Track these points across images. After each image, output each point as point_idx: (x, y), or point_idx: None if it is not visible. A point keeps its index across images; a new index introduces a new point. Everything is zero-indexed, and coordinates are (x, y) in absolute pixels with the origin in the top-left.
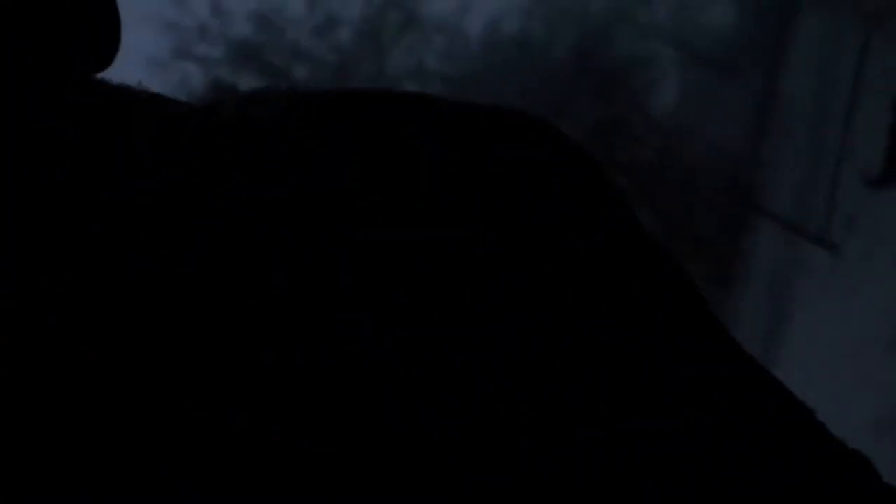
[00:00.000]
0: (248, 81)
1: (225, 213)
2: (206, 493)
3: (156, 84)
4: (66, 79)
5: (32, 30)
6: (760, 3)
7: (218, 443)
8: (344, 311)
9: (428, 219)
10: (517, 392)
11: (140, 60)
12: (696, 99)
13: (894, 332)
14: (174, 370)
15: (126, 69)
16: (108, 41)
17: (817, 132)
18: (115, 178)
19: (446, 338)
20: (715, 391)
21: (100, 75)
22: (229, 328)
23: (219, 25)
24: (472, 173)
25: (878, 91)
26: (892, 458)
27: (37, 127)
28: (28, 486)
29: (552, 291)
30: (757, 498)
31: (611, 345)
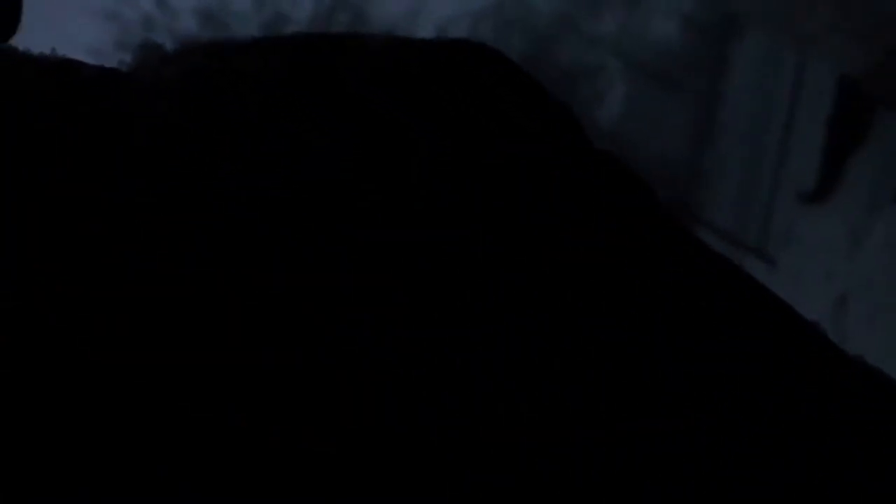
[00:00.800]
0: None
1: (225, 213)
2: (206, 493)
3: None
4: None
5: None
6: (704, 20)
7: (218, 443)
8: (344, 311)
9: (427, 217)
10: (517, 392)
11: (81, 50)
12: (640, 111)
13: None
14: (174, 370)
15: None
16: (6, 13)
17: (755, 148)
18: (115, 178)
19: (446, 338)
20: (715, 391)
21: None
22: (229, 328)
23: (164, 19)
24: (470, 167)
25: (813, 110)
26: None
27: (37, 127)
28: (28, 486)
29: (552, 291)
30: (757, 498)
31: (611, 345)
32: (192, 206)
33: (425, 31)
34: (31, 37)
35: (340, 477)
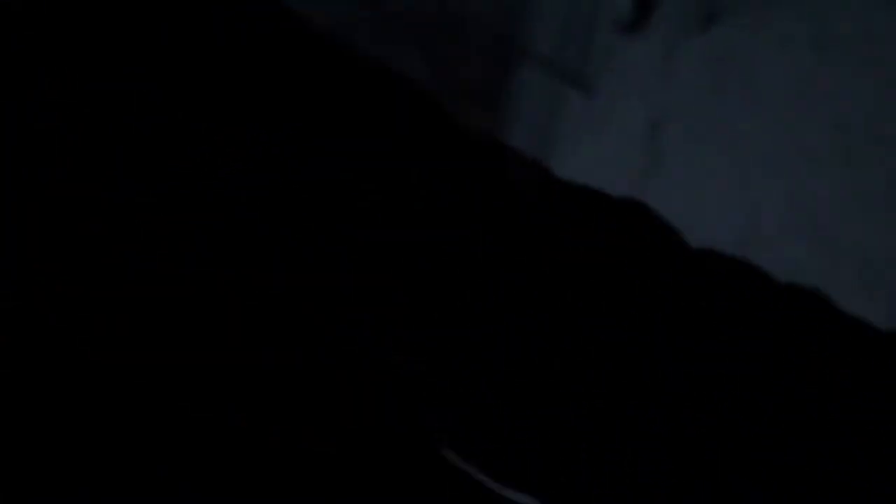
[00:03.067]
0: None
1: (225, 213)
2: (206, 493)
3: None
4: None
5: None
6: None
7: (218, 443)
8: (344, 311)
9: (427, 219)
10: (517, 391)
11: None
12: None
13: (639, 160)
14: (174, 370)
15: None
16: None
17: None
18: (115, 178)
19: (446, 338)
20: (715, 391)
21: None
22: (229, 328)
23: None
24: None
25: None
26: None
27: (37, 127)
28: (28, 485)
29: (552, 291)
30: (759, 497)
31: (611, 345)
32: (192, 206)
33: None
34: None
35: (340, 477)
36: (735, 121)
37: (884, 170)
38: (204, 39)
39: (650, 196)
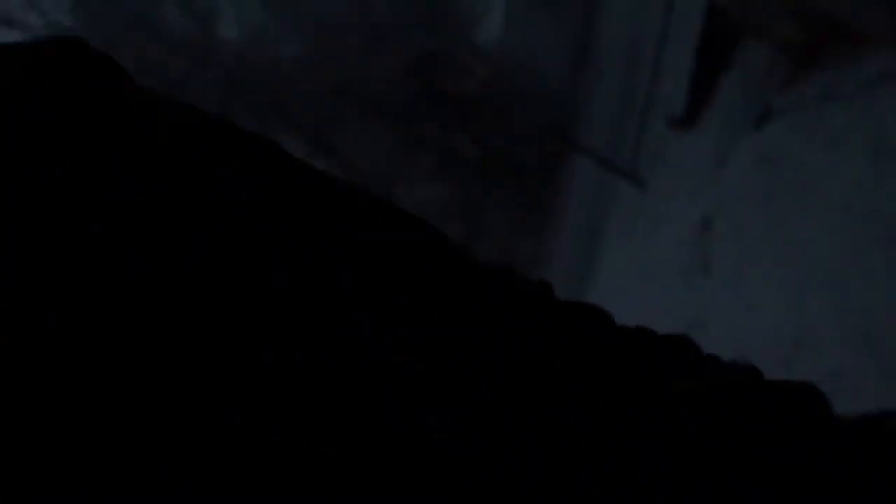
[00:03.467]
0: None
1: (225, 213)
2: (206, 493)
3: None
4: None
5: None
6: None
7: (218, 443)
8: (344, 311)
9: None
10: (517, 391)
11: None
12: (519, 32)
13: (688, 259)
14: (174, 370)
15: None
16: None
17: (629, 73)
18: (115, 178)
19: (446, 338)
20: (715, 392)
21: None
22: (229, 328)
23: None
24: None
25: (683, 36)
26: None
27: (37, 127)
28: (28, 486)
29: (551, 292)
30: (756, 498)
31: (611, 345)
32: (192, 206)
33: None
34: None
35: (340, 477)
36: (785, 224)
37: None
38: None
39: (699, 297)
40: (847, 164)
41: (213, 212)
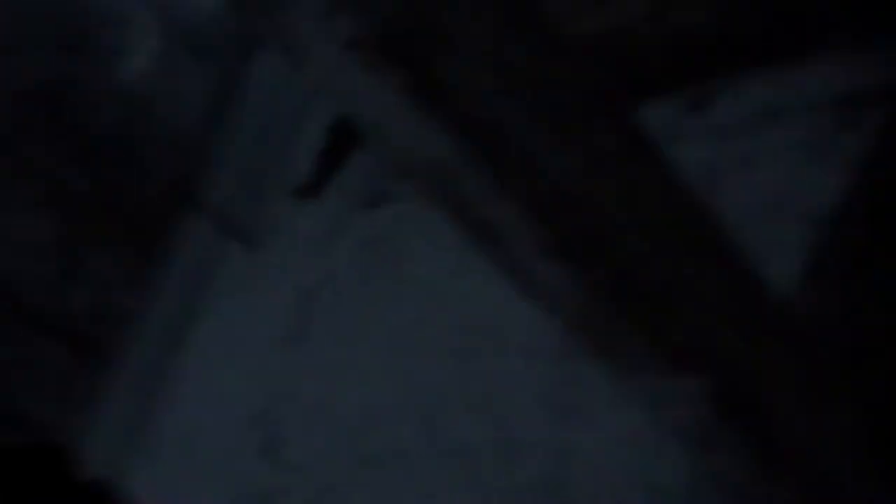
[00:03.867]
0: None
1: None
2: None
3: None
4: None
5: None
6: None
7: None
8: None
9: None
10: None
11: None
12: (164, 76)
13: (287, 328)
14: None
15: None
16: None
17: (263, 138)
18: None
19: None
20: None
21: None
22: None
23: None
24: None
25: (320, 115)
26: (260, 447)
27: None
28: (29, 485)
29: None
30: None
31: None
32: None
33: None
34: None
35: None
36: (378, 303)
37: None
38: None
39: (295, 361)
40: (439, 252)
41: None
